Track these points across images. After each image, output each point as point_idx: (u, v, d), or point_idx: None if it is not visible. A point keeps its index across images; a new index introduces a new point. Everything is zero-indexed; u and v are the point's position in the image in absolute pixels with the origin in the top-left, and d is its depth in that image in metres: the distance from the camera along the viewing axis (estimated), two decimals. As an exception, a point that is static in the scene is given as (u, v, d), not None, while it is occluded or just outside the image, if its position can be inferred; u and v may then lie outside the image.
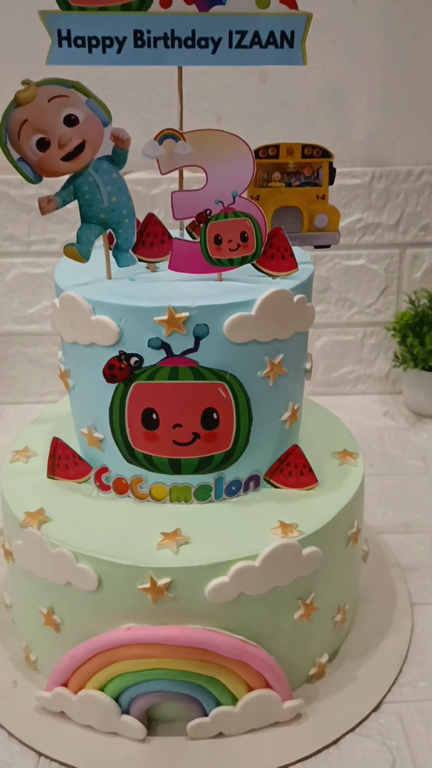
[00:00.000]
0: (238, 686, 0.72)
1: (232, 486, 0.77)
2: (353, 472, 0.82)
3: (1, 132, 0.65)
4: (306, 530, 0.72)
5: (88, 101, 0.66)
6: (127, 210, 0.70)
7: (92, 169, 0.69)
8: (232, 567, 0.69)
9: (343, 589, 0.81)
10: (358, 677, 0.80)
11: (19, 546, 0.75)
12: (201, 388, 0.70)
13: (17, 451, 0.86)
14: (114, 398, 0.72)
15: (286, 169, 0.74)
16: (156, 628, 0.70)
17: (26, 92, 0.65)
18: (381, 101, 1.28)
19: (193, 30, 0.72)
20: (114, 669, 0.72)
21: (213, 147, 0.68)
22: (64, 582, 0.72)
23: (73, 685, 0.74)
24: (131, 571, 0.69)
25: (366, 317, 1.41)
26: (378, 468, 1.21)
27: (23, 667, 0.82)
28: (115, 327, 0.69)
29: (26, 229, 1.32)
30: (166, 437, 0.72)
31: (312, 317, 0.75)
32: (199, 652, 0.70)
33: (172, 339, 0.69)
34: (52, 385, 1.42)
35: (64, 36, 0.71)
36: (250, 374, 0.72)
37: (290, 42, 0.73)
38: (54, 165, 0.67)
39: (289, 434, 0.79)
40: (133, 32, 0.71)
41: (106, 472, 0.78)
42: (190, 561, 0.69)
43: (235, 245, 0.70)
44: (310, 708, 0.77)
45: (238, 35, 0.72)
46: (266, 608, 0.72)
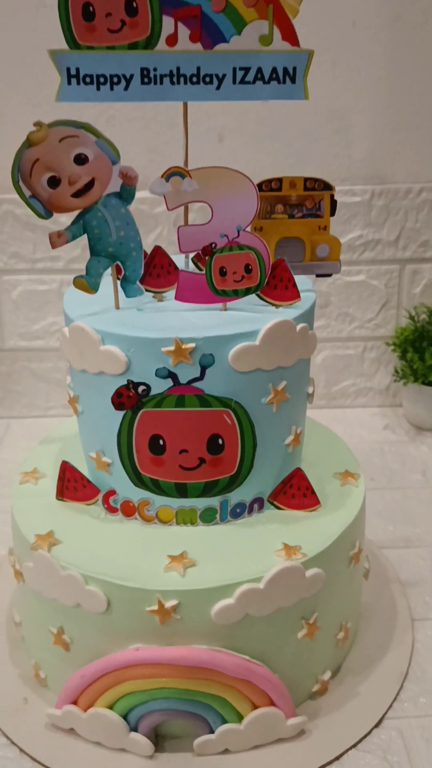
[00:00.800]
0: (243, 704, 0.74)
1: (237, 508, 0.79)
2: (355, 493, 0.84)
3: (14, 171, 0.68)
4: (309, 552, 0.74)
5: (98, 141, 0.69)
6: (135, 243, 0.73)
7: (101, 204, 0.71)
8: (238, 589, 0.71)
9: (346, 608, 0.83)
10: (360, 693, 0.83)
11: (30, 568, 0.77)
12: (207, 415, 0.73)
13: (26, 473, 0.88)
14: (122, 425, 0.74)
15: (289, 201, 0.76)
16: (163, 648, 0.72)
17: (38, 133, 0.67)
18: (381, 120, 1.30)
19: (198, 67, 0.74)
20: (122, 688, 0.74)
21: (218, 183, 0.70)
22: (73, 603, 0.74)
23: (83, 703, 0.76)
24: (139, 593, 0.71)
25: (366, 332, 1.43)
26: (379, 482, 1.23)
27: (33, 684, 0.84)
28: (124, 357, 0.71)
29: (31, 247, 1.34)
30: (173, 462, 0.75)
31: (314, 344, 0.77)
32: (206, 672, 0.72)
33: (178, 368, 0.71)
34: (56, 400, 1.44)
35: (73, 74, 0.73)
36: (255, 401, 0.74)
37: (292, 78, 0.75)
38: (64, 201, 0.69)
39: (292, 457, 0.81)
40: (140, 70, 0.73)
41: (113, 494, 0.80)
42: (196, 584, 0.71)
43: (240, 277, 0.72)
44: (313, 724, 0.79)
45: (242, 71, 0.74)
46: (270, 628, 0.74)
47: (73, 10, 0.71)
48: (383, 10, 1.23)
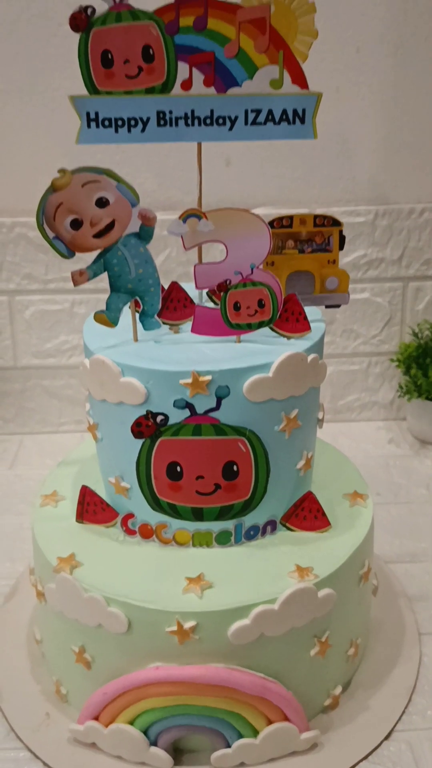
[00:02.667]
0: (258, 719, 0.78)
1: (251, 531, 0.82)
2: (364, 514, 0.87)
3: (39, 214, 0.71)
4: (321, 573, 0.77)
5: (118, 185, 0.72)
6: (153, 280, 0.76)
7: (121, 244, 0.74)
8: (253, 610, 0.74)
9: (356, 625, 0.86)
10: (370, 707, 0.86)
11: (52, 589, 0.80)
12: (222, 444, 0.76)
13: (46, 495, 0.91)
14: (141, 452, 0.77)
15: (299, 237, 0.80)
16: (182, 667, 0.75)
17: (62, 179, 0.70)
18: (384, 144, 1.33)
19: (211, 109, 0.77)
20: (143, 705, 0.77)
21: (233, 224, 0.74)
22: (95, 624, 0.77)
23: (104, 719, 0.79)
24: (159, 615, 0.74)
25: (371, 347, 1.46)
26: (385, 497, 1.26)
27: (54, 699, 0.87)
28: (143, 389, 0.74)
29: (44, 269, 1.37)
30: (190, 488, 0.78)
31: (324, 373, 0.80)
32: (223, 690, 0.75)
33: (195, 399, 0.74)
34: (68, 416, 1.47)
35: (93, 118, 0.76)
36: (268, 429, 0.77)
37: (302, 119, 0.78)
38: (86, 242, 0.73)
39: (304, 480, 0.85)
40: (156, 113, 0.77)
41: (132, 518, 0.83)
42: (213, 605, 0.74)
43: (253, 311, 0.75)
44: (325, 737, 0.82)
45: (254, 113, 0.78)
46: (284, 647, 0.77)
47: (92, 58, 0.74)
48: (386, 37, 1.26)
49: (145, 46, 0.74)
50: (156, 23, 0.74)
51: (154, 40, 0.74)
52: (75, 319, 1.41)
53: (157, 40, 0.74)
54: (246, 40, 0.75)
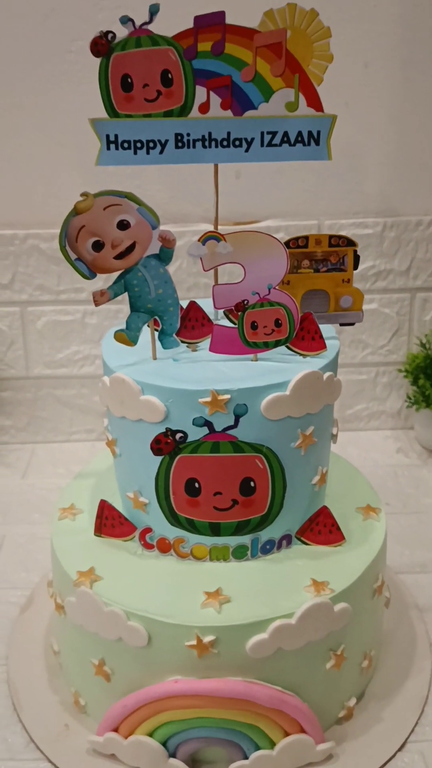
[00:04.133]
0: (275, 731, 0.79)
1: (267, 545, 0.83)
2: (377, 528, 0.88)
3: (61, 237, 0.72)
4: (336, 588, 0.79)
5: (139, 208, 0.74)
6: (172, 300, 0.77)
7: (141, 265, 0.76)
8: (271, 625, 0.75)
9: (370, 637, 0.87)
10: (384, 718, 0.87)
11: (72, 603, 0.81)
12: (240, 460, 0.77)
13: (64, 509, 0.92)
14: (160, 469, 0.79)
15: (315, 257, 0.81)
16: (201, 681, 0.76)
17: (84, 203, 0.72)
18: (392, 157, 1.35)
19: (228, 132, 0.79)
20: (162, 717, 0.78)
21: (251, 246, 0.75)
22: (115, 638, 0.78)
23: (124, 731, 0.81)
24: (179, 629, 0.75)
25: (379, 357, 1.48)
26: (394, 507, 1.27)
27: (72, 710, 0.89)
28: (163, 407, 0.76)
29: (56, 280, 1.39)
30: (207, 503, 0.79)
31: (339, 390, 0.82)
32: (241, 703, 0.77)
33: (214, 417, 0.76)
34: (80, 425, 1.49)
35: (112, 140, 0.78)
36: (284, 446, 0.79)
37: (317, 140, 0.80)
38: (107, 263, 0.74)
39: (319, 495, 0.86)
40: (175, 135, 0.78)
41: (150, 532, 0.84)
42: (232, 620, 0.76)
43: (270, 330, 0.77)
44: (340, 748, 0.83)
45: (269, 135, 0.79)
46: (301, 661, 0.78)
47: (112, 82, 0.76)
48: (394, 53, 1.28)
49: (164, 71, 0.76)
50: (175, 48, 0.75)
51: (173, 65, 0.76)
52: (86, 329, 1.42)
53: (175, 65, 0.76)
54: (262, 64, 0.77)
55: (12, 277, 1.38)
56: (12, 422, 1.48)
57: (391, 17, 1.26)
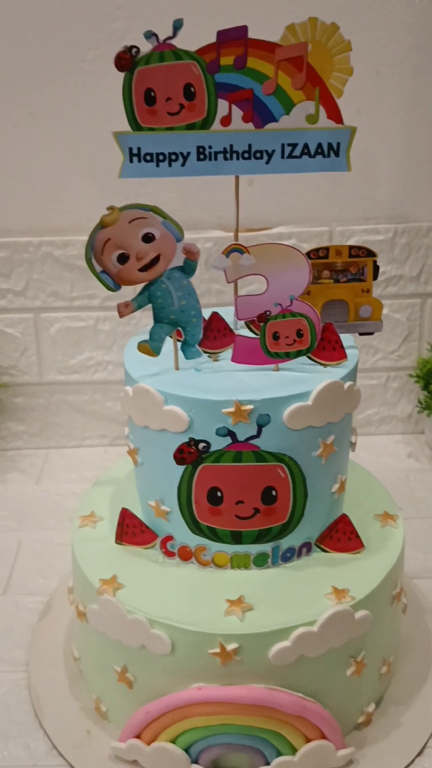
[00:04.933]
0: (297, 738, 0.80)
1: (287, 553, 0.84)
2: (395, 535, 0.89)
3: (88, 250, 0.73)
4: (357, 595, 0.80)
5: (164, 222, 0.75)
6: (195, 311, 0.78)
7: (165, 277, 0.77)
8: (293, 633, 0.76)
9: (388, 644, 0.88)
10: (402, 723, 0.88)
11: (95, 610, 0.82)
12: (262, 470, 0.78)
13: (84, 516, 0.93)
14: (182, 478, 0.80)
15: (335, 267, 0.82)
16: (224, 688, 0.77)
17: (110, 216, 0.73)
18: (403, 163, 1.36)
19: (249, 144, 0.80)
20: (185, 724, 0.79)
21: (274, 258, 0.76)
22: (138, 645, 0.79)
23: (146, 737, 0.81)
24: (202, 637, 0.76)
25: (389, 362, 1.48)
26: (407, 512, 1.28)
27: (94, 716, 0.89)
28: (186, 417, 0.77)
29: (69, 286, 1.40)
30: (229, 512, 0.80)
31: (359, 399, 0.83)
32: (264, 710, 0.77)
33: (237, 427, 0.76)
34: (92, 430, 1.49)
35: (135, 153, 0.78)
36: (306, 455, 0.79)
37: (336, 152, 0.81)
38: (132, 275, 0.75)
39: (338, 502, 0.87)
40: (196, 148, 0.79)
41: (171, 540, 0.85)
42: (255, 628, 0.76)
43: (292, 341, 0.78)
44: (360, 754, 0.84)
45: (290, 147, 0.80)
46: (322, 667, 0.79)
47: (136, 95, 0.77)
48: (406, 61, 1.28)
49: (186, 85, 0.77)
50: (198, 62, 0.76)
51: (196, 79, 0.77)
52: (99, 335, 1.43)
53: (198, 79, 0.77)
54: (284, 77, 0.78)
55: (26, 284, 1.39)
56: (25, 428, 1.48)
57: (403, 26, 1.27)
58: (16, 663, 0.98)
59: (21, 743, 0.88)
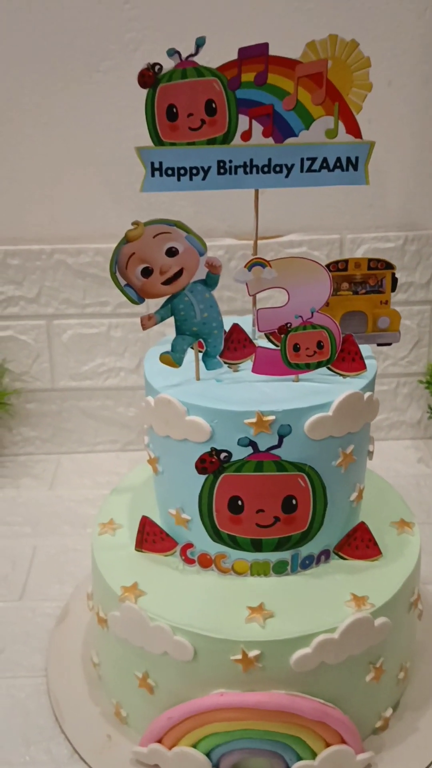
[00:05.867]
0: (317, 742, 0.81)
1: (306, 560, 0.85)
2: (412, 542, 0.90)
3: (112, 263, 0.75)
4: (376, 602, 0.81)
5: (187, 236, 0.76)
6: (217, 323, 0.80)
7: (188, 290, 0.78)
8: (314, 640, 0.77)
9: (406, 650, 0.89)
10: (419, 728, 0.89)
11: (116, 617, 0.83)
12: (282, 479, 0.79)
13: (104, 524, 0.94)
14: (203, 487, 0.81)
15: (354, 279, 0.83)
16: (246, 694, 0.78)
17: (135, 231, 0.74)
18: (414, 172, 1.37)
19: (269, 158, 0.81)
20: (207, 729, 0.80)
21: (295, 272, 0.77)
22: (160, 652, 0.80)
23: (168, 742, 0.83)
24: (225, 644, 0.77)
25: (399, 369, 1.50)
26: (418, 517, 1.28)
27: (114, 721, 0.90)
28: (208, 427, 0.78)
29: (81, 293, 1.41)
30: (250, 521, 0.81)
31: (377, 409, 0.84)
32: (285, 715, 0.79)
33: (258, 437, 0.78)
34: (104, 436, 1.51)
35: (157, 167, 0.80)
36: (326, 465, 0.81)
37: (355, 166, 0.82)
38: (155, 289, 0.76)
39: (356, 511, 0.88)
40: (217, 162, 0.80)
41: (191, 547, 0.86)
42: (277, 635, 0.77)
43: (312, 352, 0.79)
44: (378, 758, 0.85)
45: (309, 161, 0.81)
46: (342, 674, 0.80)
47: (158, 111, 0.78)
48: (416, 71, 1.30)
49: (208, 101, 0.78)
50: (219, 79, 0.77)
51: (217, 95, 0.78)
52: (111, 342, 1.44)
53: (219, 95, 0.78)
54: (304, 93, 0.79)
55: (39, 291, 1.40)
56: (37, 433, 1.50)
57: (413, 36, 1.28)
58: (35, 668, 1.00)
59: (43, 748, 0.89)
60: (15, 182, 1.36)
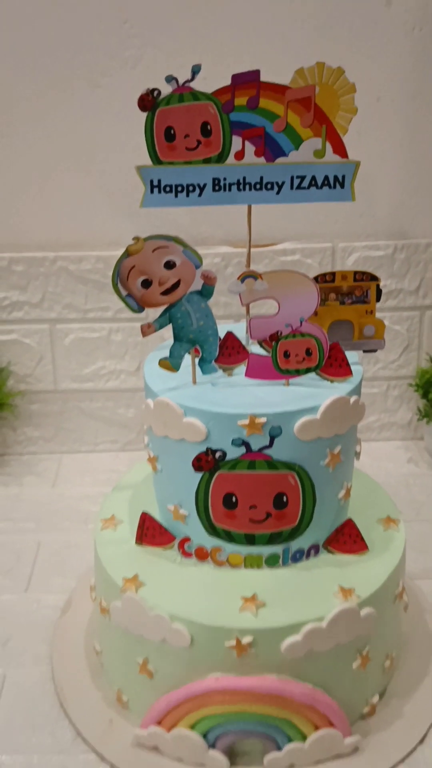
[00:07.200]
0: (307, 725, 0.86)
1: (297, 554, 0.91)
2: (397, 538, 0.96)
3: (114, 275, 0.80)
4: (362, 594, 0.86)
5: (184, 250, 0.81)
6: (212, 331, 0.85)
7: (185, 300, 0.83)
8: (304, 628, 0.82)
9: (391, 639, 0.95)
10: (404, 714, 0.94)
11: (118, 607, 0.88)
12: (274, 477, 0.85)
13: (105, 520, 0.99)
14: (200, 484, 0.86)
15: (341, 290, 0.89)
16: (240, 678, 0.84)
17: (135, 246, 0.79)
18: (402, 183, 1.42)
19: (261, 176, 0.86)
20: (203, 711, 0.85)
21: (285, 284, 0.82)
22: (159, 639, 0.85)
23: (167, 724, 0.88)
24: (220, 631, 0.83)
25: (389, 372, 1.55)
26: (407, 515, 1.34)
27: (116, 707, 0.96)
28: (204, 428, 0.83)
29: (83, 299, 1.46)
30: (243, 516, 0.86)
31: (363, 412, 0.89)
32: (276, 699, 0.84)
33: (251, 438, 0.83)
34: (104, 436, 1.56)
35: (156, 185, 0.85)
36: (315, 464, 0.86)
37: (342, 184, 0.87)
38: (154, 299, 0.82)
39: (344, 508, 0.94)
40: (212, 179, 0.85)
41: (188, 541, 0.92)
42: (268, 623, 0.83)
43: (301, 358, 0.84)
44: (365, 742, 0.90)
45: (299, 179, 0.86)
46: (330, 661, 0.86)
47: (157, 133, 0.83)
48: (405, 87, 1.35)
49: (203, 123, 0.83)
50: (214, 103, 0.83)
51: (212, 118, 0.83)
52: (111, 346, 1.49)
53: (214, 118, 0.83)
54: (293, 116, 0.84)
55: (42, 296, 1.45)
56: (40, 433, 1.55)
57: (401, 54, 1.34)
58: (40, 657, 1.05)
59: (48, 731, 0.94)
60: (19, 192, 1.41)
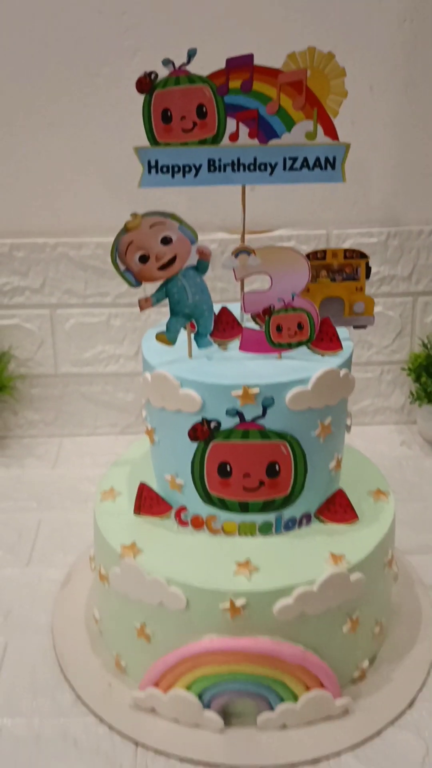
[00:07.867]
0: (298, 686, 0.89)
1: (289, 522, 0.94)
2: (386, 509, 0.99)
3: (113, 251, 0.83)
4: (352, 560, 0.89)
5: (180, 227, 0.85)
6: (207, 306, 0.88)
7: (181, 275, 0.87)
8: (295, 591, 0.86)
9: (381, 606, 0.98)
10: (394, 679, 0.97)
11: (117, 573, 0.92)
12: (266, 446, 0.88)
13: (105, 492, 1.03)
14: (195, 453, 0.89)
15: (332, 268, 0.92)
16: (233, 639, 0.87)
17: (133, 222, 0.83)
18: (395, 171, 1.45)
19: (255, 157, 0.89)
20: (198, 672, 0.89)
21: (278, 259, 0.86)
22: (157, 603, 0.89)
23: (163, 686, 0.91)
24: (214, 594, 0.86)
25: (383, 357, 1.58)
26: (400, 494, 1.37)
27: (114, 671, 0.99)
28: (199, 399, 0.86)
29: (83, 284, 1.49)
30: (237, 484, 0.90)
31: (353, 385, 0.92)
32: (268, 659, 0.87)
33: (244, 408, 0.86)
34: (104, 419, 1.59)
35: (153, 165, 0.88)
36: (306, 434, 0.89)
37: (332, 165, 0.90)
38: (151, 273, 0.85)
39: (335, 479, 0.97)
40: (208, 160, 0.88)
41: (184, 510, 0.95)
42: (261, 586, 0.86)
43: (293, 332, 0.88)
44: (356, 705, 0.93)
45: (291, 160, 0.89)
46: (321, 624, 0.89)
47: (154, 115, 0.86)
48: (397, 76, 1.38)
49: (199, 105, 0.86)
50: (209, 86, 0.86)
51: (207, 100, 0.86)
52: (111, 330, 1.53)
53: (209, 100, 0.86)
54: (285, 99, 0.87)
55: (43, 282, 1.48)
56: (41, 417, 1.58)
57: (394, 44, 1.37)
58: (41, 627, 1.08)
59: (48, 696, 0.97)
60: (20, 180, 1.44)
